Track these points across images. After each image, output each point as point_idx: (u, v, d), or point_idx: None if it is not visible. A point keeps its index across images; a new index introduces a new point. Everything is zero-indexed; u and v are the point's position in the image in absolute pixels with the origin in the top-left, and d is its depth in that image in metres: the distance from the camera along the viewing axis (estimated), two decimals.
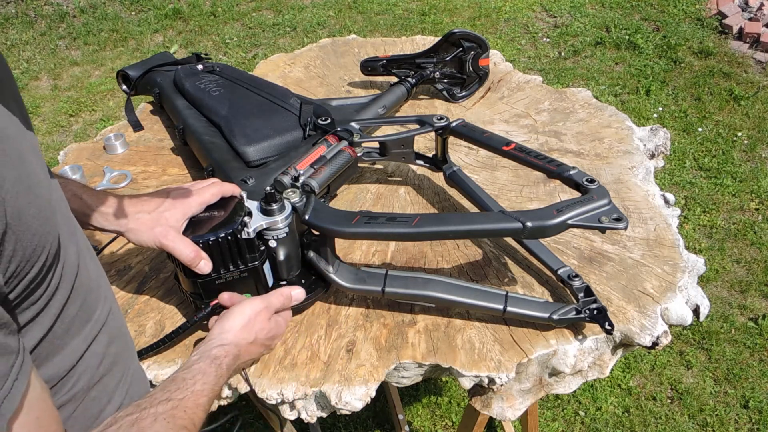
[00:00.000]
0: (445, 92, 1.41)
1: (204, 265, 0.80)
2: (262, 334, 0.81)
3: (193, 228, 0.83)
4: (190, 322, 0.86)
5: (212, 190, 0.86)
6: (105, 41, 3.89)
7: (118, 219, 0.82)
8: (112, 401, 0.67)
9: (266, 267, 0.88)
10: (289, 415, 0.87)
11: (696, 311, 0.94)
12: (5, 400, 0.43)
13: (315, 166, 1.00)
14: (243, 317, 0.80)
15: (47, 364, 0.56)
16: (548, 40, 3.64)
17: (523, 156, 0.97)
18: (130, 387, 0.71)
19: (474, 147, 1.25)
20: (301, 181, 0.97)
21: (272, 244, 0.86)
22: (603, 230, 0.80)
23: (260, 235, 0.85)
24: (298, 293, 0.88)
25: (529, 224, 0.80)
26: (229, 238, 0.81)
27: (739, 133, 2.91)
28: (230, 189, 0.88)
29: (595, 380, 2.01)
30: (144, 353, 0.87)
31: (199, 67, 1.35)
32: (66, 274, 0.55)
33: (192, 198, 0.84)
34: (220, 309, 0.86)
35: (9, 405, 0.43)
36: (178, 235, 0.80)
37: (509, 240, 1.04)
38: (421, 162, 1.16)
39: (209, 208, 0.86)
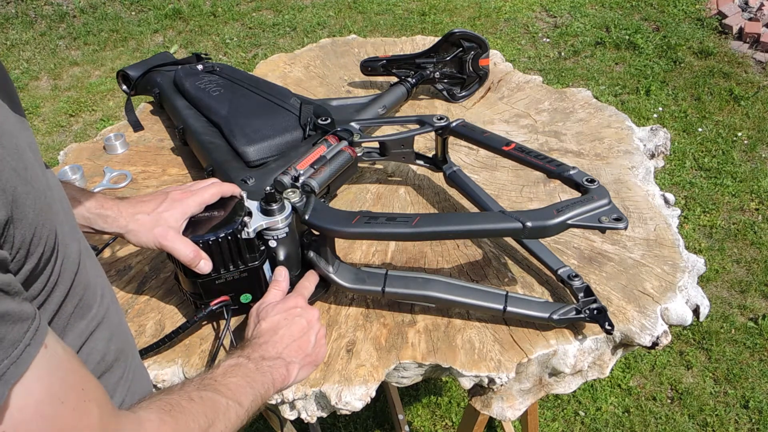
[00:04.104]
0: (445, 92, 1.41)
1: (204, 264, 0.80)
2: (267, 313, 0.83)
3: (192, 228, 0.83)
4: (190, 322, 0.86)
5: (212, 190, 0.86)
6: (105, 41, 3.89)
7: (117, 221, 0.82)
8: (114, 398, 0.67)
9: (266, 267, 0.88)
10: (289, 415, 0.87)
11: (696, 311, 0.94)
12: (13, 366, 0.44)
13: (315, 166, 1.00)
14: (249, 324, 0.83)
15: None
16: (548, 40, 3.64)
17: (523, 156, 0.97)
18: (131, 384, 0.71)
19: (474, 147, 1.25)
20: (301, 181, 0.97)
21: (272, 244, 0.86)
22: (603, 230, 0.80)
23: (260, 235, 0.85)
24: (279, 273, 0.89)
25: (529, 224, 0.80)
26: (229, 238, 0.81)
27: (739, 133, 2.91)
28: (230, 189, 0.88)
29: (595, 380, 2.01)
30: (144, 353, 0.87)
31: (199, 67, 1.35)
32: (66, 270, 0.56)
33: (191, 198, 0.84)
34: (220, 309, 0.86)
35: (16, 370, 0.44)
36: (177, 235, 0.81)
37: (509, 240, 1.04)
38: (421, 162, 1.16)
39: (209, 208, 0.86)
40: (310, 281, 0.90)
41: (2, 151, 0.46)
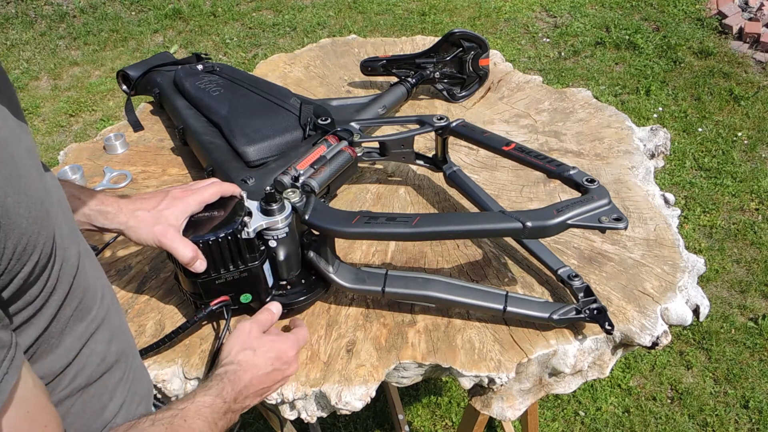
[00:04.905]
0: (445, 92, 1.41)
1: (199, 264, 0.80)
2: (261, 345, 0.81)
3: (193, 228, 0.83)
4: (190, 322, 0.86)
5: (212, 189, 0.86)
6: (105, 41, 3.89)
7: (117, 217, 0.82)
8: (114, 398, 0.67)
9: (266, 267, 0.88)
10: (289, 415, 0.87)
11: (696, 311, 0.94)
12: None
13: (315, 166, 1.00)
14: (237, 338, 0.82)
15: (40, 362, 0.56)
16: (548, 40, 3.64)
17: (523, 156, 0.97)
18: (132, 384, 0.71)
19: (474, 147, 1.25)
20: (301, 181, 0.97)
21: (272, 244, 0.86)
22: (603, 230, 0.80)
23: (260, 235, 0.85)
24: (275, 306, 0.89)
25: (529, 224, 0.80)
26: (229, 238, 0.81)
27: (739, 133, 2.91)
28: (230, 189, 0.88)
29: (595, 380, 2.01)
30: (144, 353, 0.87)
31: (199, 67, 1.35)
32: (64, 274, 0.55)
33: (191, 196, 0.84)
34: (220, 309, 0.86)
35: None
36: (177, 234, 0.81)
37: (509, 240, 1.04)
38: (421, 162, 1.16)
39: (209, 207, 0.86)
40: (305, 328, 0.89)
41: None
